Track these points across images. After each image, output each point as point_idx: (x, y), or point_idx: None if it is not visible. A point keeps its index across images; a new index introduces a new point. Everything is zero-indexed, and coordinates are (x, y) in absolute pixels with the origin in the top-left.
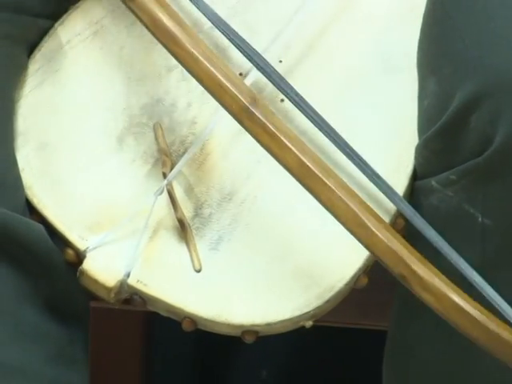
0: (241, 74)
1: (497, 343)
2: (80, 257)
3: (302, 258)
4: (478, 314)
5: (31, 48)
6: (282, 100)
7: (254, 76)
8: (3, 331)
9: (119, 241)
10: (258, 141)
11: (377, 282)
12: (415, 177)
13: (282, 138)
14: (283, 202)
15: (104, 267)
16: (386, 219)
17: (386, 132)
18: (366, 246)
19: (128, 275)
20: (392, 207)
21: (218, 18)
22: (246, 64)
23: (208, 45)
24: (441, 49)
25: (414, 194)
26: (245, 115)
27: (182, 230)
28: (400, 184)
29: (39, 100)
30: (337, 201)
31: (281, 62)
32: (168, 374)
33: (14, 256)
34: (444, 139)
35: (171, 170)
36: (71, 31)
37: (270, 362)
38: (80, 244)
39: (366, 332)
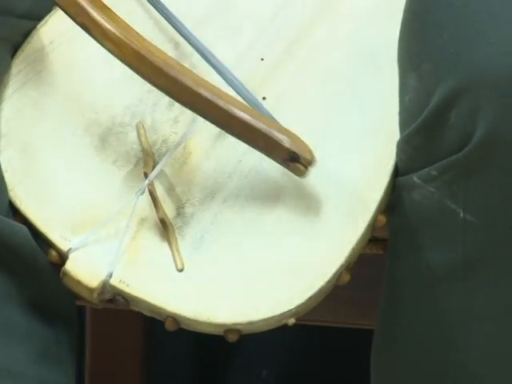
0: None
1: (180, 89)
2: (63, 258)
3: (284, 255)
4: (161, 61)
5: (15, 49)
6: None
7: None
8: None
9: (101, 241)
10: None
11: (376, 281)
12: (397, 173)
13: None
14: (264, 201)
15: (86, 268)
16: (368, 216)
17: (367, 128)
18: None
19: (110, 275)
20: (373, 204)
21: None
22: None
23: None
24: (420, 44)
25: (396, 190)
26: None
27: (164, 229)
28: (381, 180)
29: (22, 101)
30: None
31: (263, 59)
32: (168, 373)
33: None
34: (425, 135)
35: (153, 169)
36: (54, 32)
37: (270, 361)
38: (62, 245)
39: (366, 332)
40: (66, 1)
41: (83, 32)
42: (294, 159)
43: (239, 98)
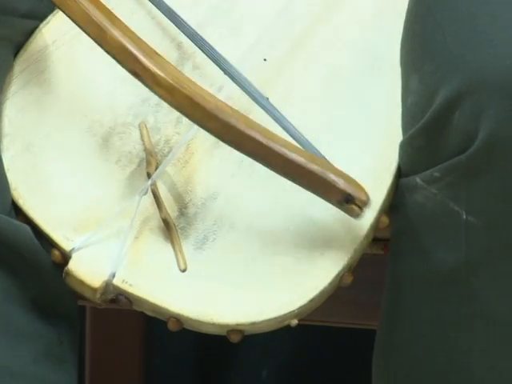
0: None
1: (232, 133)
2: (66, 257)
3: (287, 256)
4: (213, 105)
5: (17, 49)
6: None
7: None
8: None
9: (104, 241)
10: None
11: (378, 282)
12: (400, 174)
13: None
14: (267, 201)
15: (89, 268)
16: (371, 217)
17: (370, 129)
18: (100, 44)
19: (113, 275)
20: (375, 205)
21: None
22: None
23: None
24: (423, 46)
25: (398, 191)
26: None
27: (167, 229)
28: (384, 181)
29: (25, 101)
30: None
31: (265, 60)
32: (168, 373)
33: (2, 257)
34: (427, 137)
35: (156, 169)
36: (57, 31)
37: (270, 362)
38: (65, 244)
39: (366, 332)
40: (114, 47)
41: None
42: (349, 200)
43: (291, 140)
